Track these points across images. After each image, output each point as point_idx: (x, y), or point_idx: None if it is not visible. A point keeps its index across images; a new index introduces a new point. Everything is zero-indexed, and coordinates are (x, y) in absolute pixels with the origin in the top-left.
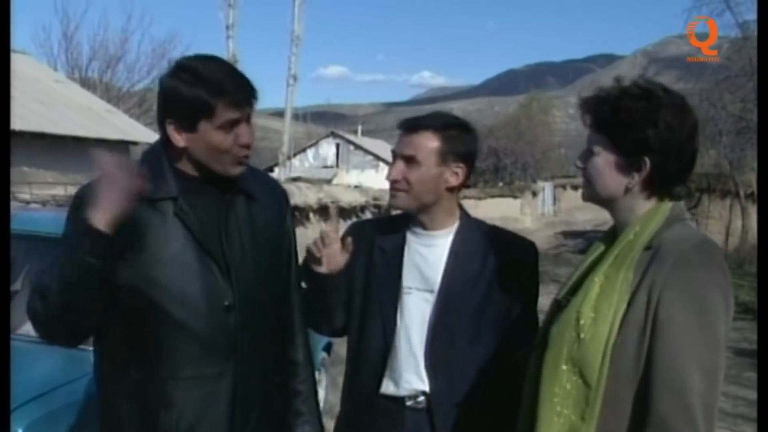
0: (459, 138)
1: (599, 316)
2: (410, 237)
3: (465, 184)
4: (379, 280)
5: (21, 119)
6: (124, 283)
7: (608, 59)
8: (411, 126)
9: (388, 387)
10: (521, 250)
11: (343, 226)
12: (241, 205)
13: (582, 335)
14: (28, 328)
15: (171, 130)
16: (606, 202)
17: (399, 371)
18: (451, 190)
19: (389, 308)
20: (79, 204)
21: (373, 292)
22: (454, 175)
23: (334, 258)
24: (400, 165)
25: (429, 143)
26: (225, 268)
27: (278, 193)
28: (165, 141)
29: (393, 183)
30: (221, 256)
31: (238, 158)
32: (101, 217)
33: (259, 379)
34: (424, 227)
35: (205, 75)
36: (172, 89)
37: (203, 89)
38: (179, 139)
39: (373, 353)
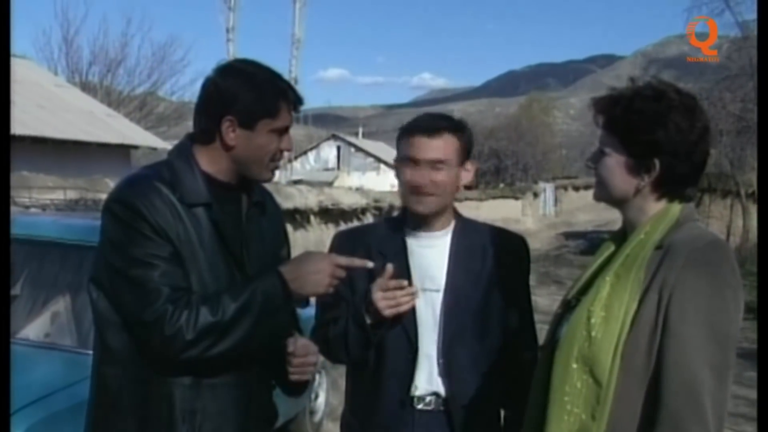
0: (467, 136)
1: (610, 314)
2: (409, 240)
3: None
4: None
5: (21, 124)
6: (181, 277)
7: (608, 60)
8: (432, 129)
9: (414, 390)
10: (514, 244)
11: (342, 228)
12: (256, 218)
13: (593, 334)
14: (27, 332)
15: (226, 126)
16: (617, 202)
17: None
18: (465, 187)
19: (407, 311)
20: (127, 209)
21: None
22: (467, 172)
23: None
24: (427, 170)
25: (450, 145)
26: (244, 277)
27: (279, 208)
28: (207, 140)
29: (419, 188)
30: (242, 266)
31: (275, 163)
32: (306, 290)
33: (267, 388)
34: (427, 228)
35: (270, 79)
36: (232, 88)
37: (270, 91)
38: (231, 137)
39: (399, 359)
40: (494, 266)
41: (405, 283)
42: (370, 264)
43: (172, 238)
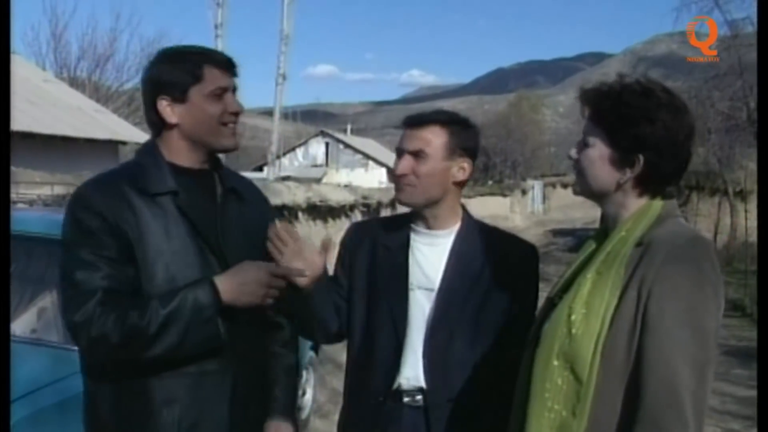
0: (464, 132)
1: (590, 311)
2: (413, 236)
3: (468, 180)
4: (386, 278)
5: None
6: (127, 278)
7: (597, 57)
8: (417, 121)
9: (400, 384)
10: (522, 253)
11: (332, 225)
12: (233, 204)
13: (573, 331)
14: (14, 328)
15: (163, 106)
16: (597, 196)
17: (400, 367)
18: (458, 184)
19: (399, 306)
20: (84, 208)
21: (381, 290)
22: (461, 169)
23: (313, 263)
24: (408, 159)
25: (437, 137)
26: (224, 264)
27: (262, 198)
28: (158, 130)
29: (400, 178)
30: (219, 252)
31: (230, 129)
32: (241, 301)
33: (255, 376)
34: (427, 226)
35: (189, 50)
36: (159, 70)
37: (189, 59)
38: (172, 115)
39: (385, 352)
40: (496, 271)
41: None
42: (306, 273)
43: (130, 236)
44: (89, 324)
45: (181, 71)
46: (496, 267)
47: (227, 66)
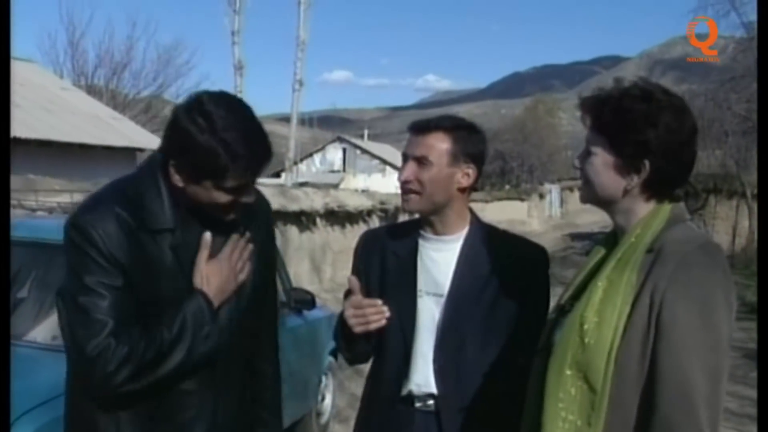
0: (469, 138)
1: (603, 320)
2: (421, 242)
3: (475, 186)
4: (395, 284)
5: (27, 127)
6: (131, 306)
7: (614, 61)
8: (422, 127)
9: (411, 390)
10: (532, 255)
11: (350, 230)
12: (233, 237)
13: (586, 340)
14: (35, 335)
15: (172, 172)
16: (604, 203)
17: (410, 373)
18: (463, 190)
19: (407, 312)
20: (83, 237)
21: (390, 296)
22: (465, 175)
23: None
24: (412, 166)
25: (440, 143)
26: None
27: (264, 207)
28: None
29: (405, 184)
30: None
31: (231, 208)
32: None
33: (236, 395)
34: (435, 232)
35: (224, 133)
36: (186, 133)
37: (220, 148)
38: (177, 180)
39: (395, 359)
40: (506, 275)
41: (378, 302)
42: (249, 246)
43: (126, 268)
44: (104, 358)
45: (203, 159)
46: (506, 270)
47: (256, 168)
